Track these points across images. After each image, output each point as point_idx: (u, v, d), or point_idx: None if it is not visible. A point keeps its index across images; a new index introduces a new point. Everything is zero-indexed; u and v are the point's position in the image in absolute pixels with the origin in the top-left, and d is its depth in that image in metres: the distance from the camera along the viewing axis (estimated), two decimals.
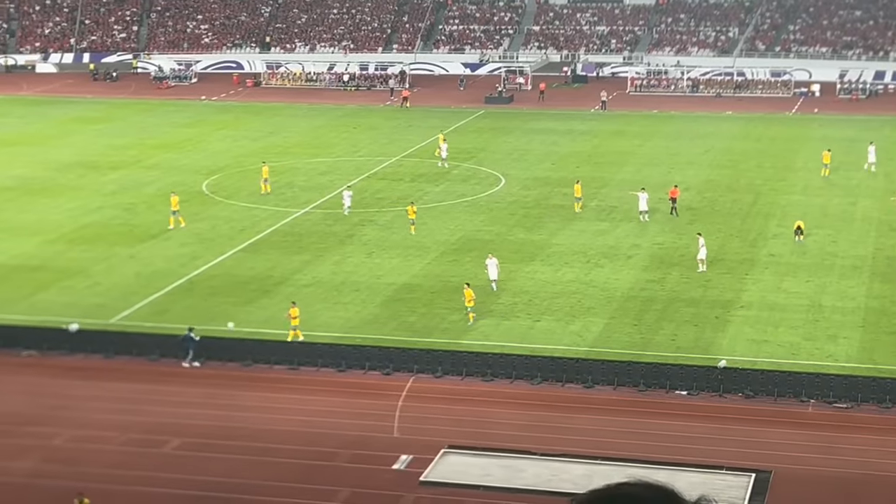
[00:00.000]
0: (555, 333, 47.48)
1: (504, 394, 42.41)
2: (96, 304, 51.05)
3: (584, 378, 43.15)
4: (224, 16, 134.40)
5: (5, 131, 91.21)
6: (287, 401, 41.82)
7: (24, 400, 42.10)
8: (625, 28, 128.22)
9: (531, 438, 38.36)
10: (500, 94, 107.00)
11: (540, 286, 53.10)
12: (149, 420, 40.18)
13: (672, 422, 40.08)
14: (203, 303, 51.29)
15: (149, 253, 58.48)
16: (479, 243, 59.70)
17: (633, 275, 54.70)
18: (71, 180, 74.12)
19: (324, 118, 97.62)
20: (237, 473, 36.13)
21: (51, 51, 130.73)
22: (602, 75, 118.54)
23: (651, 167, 76.44)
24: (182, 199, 68.57)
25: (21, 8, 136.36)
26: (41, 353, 46.39)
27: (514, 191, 70.78)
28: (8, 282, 54.15)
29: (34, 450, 38.07)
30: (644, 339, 46.94)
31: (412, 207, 61.56)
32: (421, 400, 41.73)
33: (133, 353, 46.03)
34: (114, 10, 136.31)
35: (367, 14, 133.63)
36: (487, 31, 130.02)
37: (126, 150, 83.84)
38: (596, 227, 62.56)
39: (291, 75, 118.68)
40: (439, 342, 46.18)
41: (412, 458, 37.27)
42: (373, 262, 56.61)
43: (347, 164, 78.50)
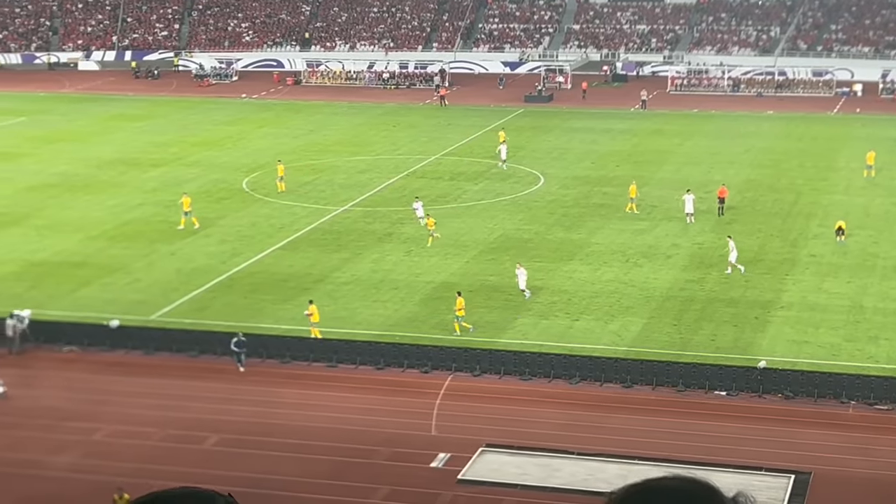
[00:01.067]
0: (593, 333, 47.37)
1: (542, 393, 42.35)
2: (137, 300, 51.37)
3: (623, 378, 43.02)
4: (265, 14, 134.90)
5: (48, 128, 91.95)
6: (325, 398, 41.93)
7: (65, 395, 42.42)
8: (665, 27, 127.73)
9: (568, 438, 38.29)
10: (540, 93, 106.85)
11: (579, 285, 52.99)
12: (188, 416, 40.39)
13: (711, 422, 39.90)
14: (242, 300, 51.51)
15: (189, 250, 58.79)
16: (517, 242, 59.66)
17: (673, 274, 54.49)
18: (112, 177, 74.63)
19: (363, 116, 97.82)
20: (275, 470, 36.27)
21: (93, 48, 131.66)
22: (642, 74, 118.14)
23: (691, 166, 76.13)
24: (222, 196, 69.07)
25: (64, 6, 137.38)
26: (82, 348, 46.73)
27: (554, 190, 70.67)
28: (50, 278, 54.58)
29: (75, 444, 38.36)
30: (683, 339, 46.76)
31: (430, 220, 60.00)
32: (459, 398, 41.74)
33: (173, 349, 46.28)
34: (156, 8, 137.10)
35: (408, 13, 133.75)
36: (527, 30, 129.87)
37: (167, 147, 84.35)
38: (635, 226, 62.35)
39: (331, 73, 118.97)
40: (477, 340, 46.17)
41: (450, 456, 37.28)
42: (411, 260, 56.66)
43: (387, 162, 78.62)
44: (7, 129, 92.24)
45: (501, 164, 75.92)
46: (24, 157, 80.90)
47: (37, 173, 75.87)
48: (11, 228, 62.75)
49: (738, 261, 54.50)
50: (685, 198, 63.23)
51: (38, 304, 49.89)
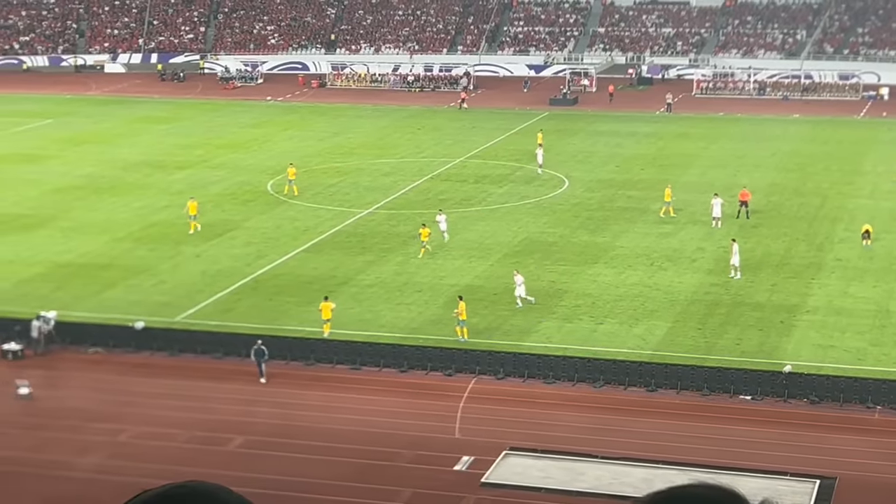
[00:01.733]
0: (618, 336, 47.28)
1: (566, 396, 42.28)
2: (162, 302, 51.53)
3: (647, 382, 42.92)
4: (290, 17, 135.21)
5: (74, 130, 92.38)
6: (349, 400, 41.96)
7: (91, 396, 42.59)
8: (691, 30, 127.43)
9: (592, 441, 38.22)
10: (565, 96, 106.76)
11: (603, 289, 52.90)
12: (212, 418, 40.49)
13: (736, 427, 39.76)
14: (267, 302, 51.61)
15: (214, 252, 58.95)
16: (542, 245, 59.61)
17: (698, 278, 54.33)
18: (138, 179, 74.91)
19: (388, 119, 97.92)
20: (299, 472, 36.31)
21: (119, 51, 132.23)
22: (667, 77, 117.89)
23: (717, 170, 75.92)
24: (247, 198, 69.28)
25: (90, 8, 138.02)
26: (107, 350, 46.90)
27: (578, 193, 70.58)
28: (76, 279, 54.82)
29: (100, 445, 38.50)
30: (708, 343, 46.61)
31: (425, 230, 57.79)
32: (482, 401, 41.71)
33: (197, 351, 46.40)
34: (181, 10, 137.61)
35: (432, 15, 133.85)
36: (552, 33, 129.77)
37: (192, 149, 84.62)
38: (660, 229, 62.20)
39: (356, 76, 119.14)
40: (501, 343, 46.14)
41: (473, 459, 37.27)
42: (436, 262, 56.66)
43: (411, 165, 78.68)
44: (34, 131, 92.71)
45: (539, 170, 75.32)
46: (51, 159, 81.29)
47: (63, 175, 76.23)
48: (38, 230, 63.05)
49: (740, 265, 54.21)
50: (713, 202, 62.99)
51: (63, 306, 50.12)
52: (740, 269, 54.28)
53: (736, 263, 54.30)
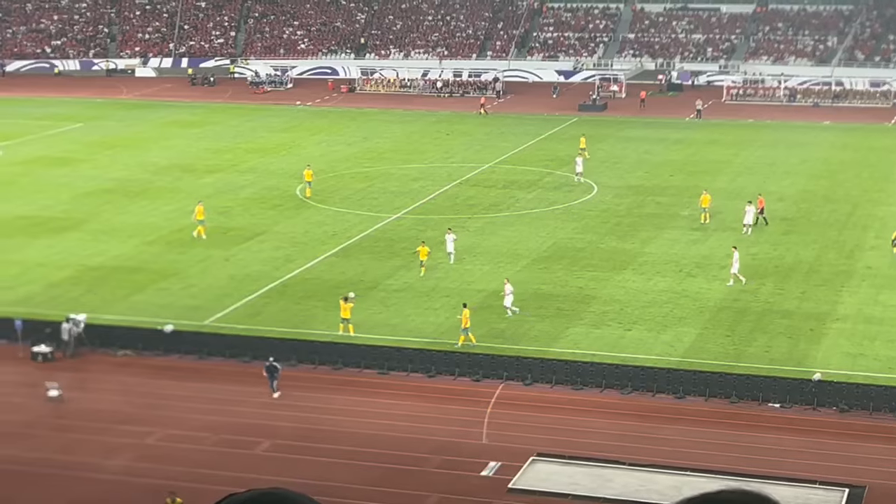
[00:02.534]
0: (646, 343, 47.16)
1: (594, 403, 42.21)
2: (191, 305, 51.71)
3: (676, 388, 42.78)
4: (320, 22, 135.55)
5: (105, 134, 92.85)
6: (376, 405, 41.99)
7: (119, 398, 42.77)
8: (721, 36, 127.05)
9: (620, 448, 38.13)
10: (594, 102, 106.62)
11: (632, 295, 52.78)
12: (240, 421, 40.60)
13: (764, 434, 39.59)
14: (295, 306, 51.72)
15: (243, 256, 59.12)
16: (570, 251, 59.53)
17: (727, 285, 54.09)
18: (168, 183, 75.21)
19: (417, 124, 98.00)
20: (326, 476, 36.37)
21: (150, 55, 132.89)
22: (697, 84, 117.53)
23: (746, 176, 75.65)
24: (276, 203, 69.46)
25: (122, 13, 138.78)
26: (136, 352, 47.09)
27: (607, 199, 70.45)
28: (107, 282, 55.07)
29: (128, 448, 38.66)
30: (737, 350, 46.43)
31: (424, 248, 55.96)
32: (510, 407, 41.67)
33: (226, 354, 46.53)
34: (212, 15, 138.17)
35: (462, 21, 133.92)
36: (582, 39, 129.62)
37: (222, 153, 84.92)
38: (689, 236, 62.02)
39: (385, 81, 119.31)
40: (529, 349, 46.10)
41: (500, 464, 37.24)
42: (464, 268, 56.64)
43: (440, 171, 78.71)
44: (65, 134, 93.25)
45: (577, 178, 74.76)
46: (82, 163, 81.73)
47: (94, 178, 76.63)
48: (69, 233, 63.40)
49: (740, 272, 53.98)
50: (747, 209, 62.74)
51: (93, 309, 50.36)
52: (742, 277, 53.97)
53: (735, 272, 54.03)
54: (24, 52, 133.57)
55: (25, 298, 52.70)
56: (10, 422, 40.78)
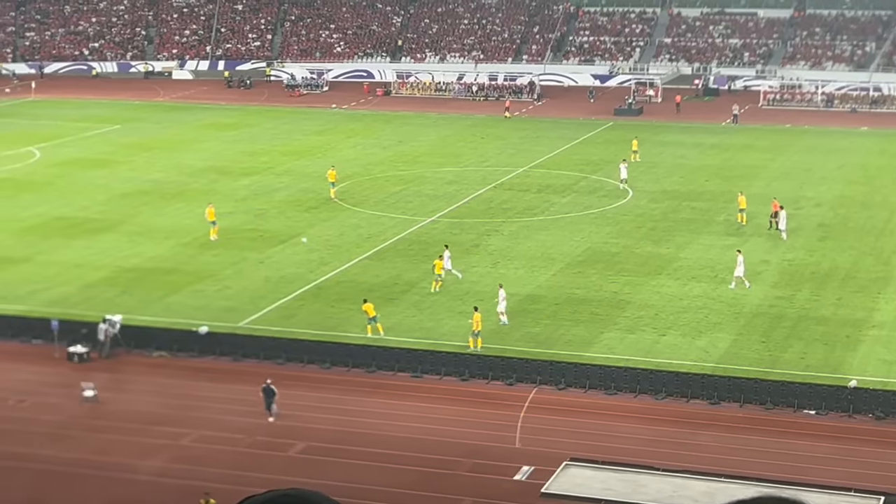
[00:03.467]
0: (680, 348, 46.99)
1: (627, 408, 42.08)
2: (226, 307, 51.91)
3: (710, 394, 42.60)
4: (356, 25, 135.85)
5: (142, 136, 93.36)
6: (410, 408, 42.03)
7: (154, 400, 42.97)
8: (758, 41, 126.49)
9: (654, 453, 38.00)
10: (630, 106, 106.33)
11: (666, 300, 52.60)
12: (274, 423, 40.71)
13: (799, 441, 39.37)
14: (329, 308, 51.83)
15: (278, 258, 59.30)
16: (605, 256, 59.41)
17: (762, 291, 53.87)
18: (204, 185, 75.54)
19: (452, 128, 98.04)
20: (360, 479, 36.41)
21: (187, 58, 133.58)
22: (734, 88, 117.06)
23: (782, 181, 75.27)
24: (311, 205, 69.65)
25: (159, 16, 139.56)
26: (171, 354, 47.31)
27: (642, 203, 70.24)
28: (142, 284, 55.35)
29: (163, 449, 38.84)
30: (772, 356, 46.20)
31: (439, 262, 54.63)
32: (543, 411, 41.61)
33: (260, 356, 46.67)
34: (249, 18, 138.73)
35: (498, 24, 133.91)
36: (618, 43, 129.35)
37: (258, 156, 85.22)
38: (724, 241, 61.74)
39: (421, 85, 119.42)
40: (562, 354, 46.01)
41: (533, 469, 37.19)
42: (498, 272, 56.59)
43: (475, 174, 78.70)
44: (102, 136, 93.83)
45: (622, 184, 74.25)
46: (119, 165, 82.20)
47: (130, 180, 77.05)
48: (105, 234, 63.77)
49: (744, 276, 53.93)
50: (780, 212, 62.58)
51: (129, 310, 50.63)
52: (747, 281, 53.91)
53: (740, 275, 53.98)
54: (63, 54, 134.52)
55: (62, 299, 53.05)
56: (46, 422, 41.05)
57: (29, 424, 40.82)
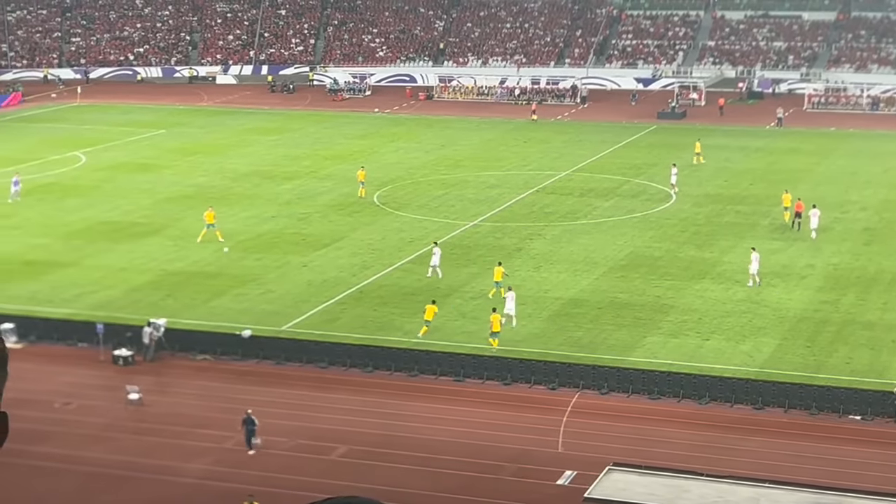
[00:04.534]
0: (724, 353, 46.73)
1: (671, 413, 41.90)
2: (269, 311, 52.10)
3: (754, 399, 42.35)
4: (398, 30, 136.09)
5: (186, 140, 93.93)
6: (452, 412, 42.02)
7: (198, 403, 43.19)
8: (803, 44, 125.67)
9: (698, 459, 37.79)
10: (673, 110, 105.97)
11: (710, 305, 52.34)
12: (316, 426, 40.82)
13: (844, 447, 39.06)
14: (372, 312, 51.91)
15: (321, 262, 59.46)
16: (648, 260, 59.19)
17: (807, 295, 53.51)
18: (247, 189, 75.88)
19: (494, 131, 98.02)
20: (402, 483, 36.44)
21: (231, 63, 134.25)
22: (778, 92, 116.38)
23: (827, 185, 74.72)
24: (354, 209, 69.80)
25: (203, 21, 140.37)
26: (215, 357, 47.53)
27: (685, 207, 69.95)
28: (186, 287, 55.66)
29: (207, 451, 39.02)
30: (817, 361, 45.86)
31: (499, 269, 53.79)
32: (586, 416, 41.50)
33: (303, 360, 46.81)
34: (292, 23, 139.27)
35: (540, 28, 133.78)
36: (661, 46, 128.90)
37: (300, 160, 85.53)
38: (769, 245, 61.36)
39: (463, 89, 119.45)
40: (605, 358, 45.87)
41: (576, 473, 37.09)
42: (540, 275, 56.51)
43: (517, 178, 78.65)
44: (147, 140, 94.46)
45: (673, 190, 73.43)
46: (163, 169, 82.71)
47: (174, 184, 77.52)
48: (149, 238, 64.17)
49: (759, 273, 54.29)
50: (811, 213, 62.43)
51: (173, 313, 50.91)
52: (758, 277, 54.28)
53: (753, 272, 54.21)
54: (108, 59, 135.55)
55: (107, 302, 53.42)
56: (91, 424, 41.35)
57: (74, 427, 41.13)
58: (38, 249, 62.19)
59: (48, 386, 44.73)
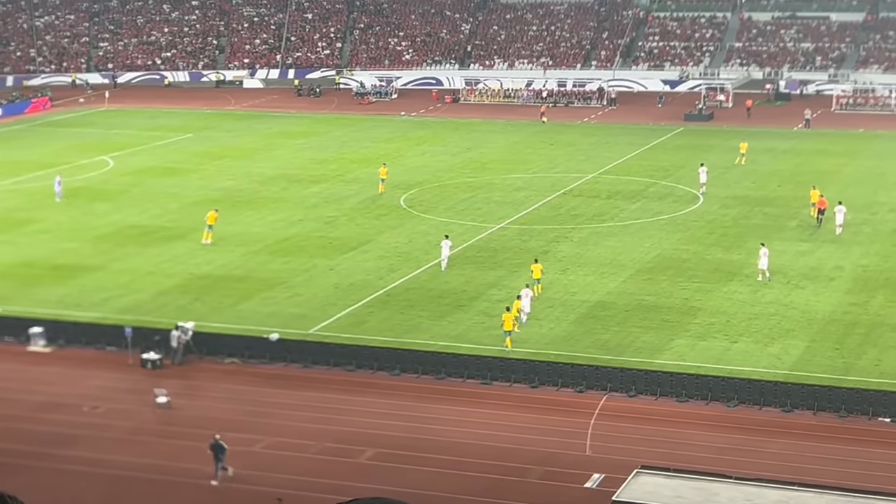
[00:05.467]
0: (752, 355, 46.54)
1: (699, 415, 41.75)
2: (296, 314, 52.17)
3: (783, 402, 42.15)
4: (425, 33, 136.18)
5: (214, 144, 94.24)
6: (479, 415, 41.98)
7: (226, 406, 43.28)
8: (831, 45, 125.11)
9: (726, 461, 37.62)
10: (700, 112, 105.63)
11: (738, 307, 52.13)
12: (344, 430, 40.85)
13: (874, 449, 38.83)
14: (399, 315, 51.92)
15: (348, 265, 59.53)
16: (675, 262, 59.00)
17: (836, 297, 53.24)
18: (274, 193, 76.05)
19: (521, 134, 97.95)
20: (429, 485, 36.43)
21: (257, 67, 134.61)
22: (806, 93, 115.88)
23: (855, 187, 74.33)
24: (380, 212, 69.87)
25: (230, 25, 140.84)
26: (243, 360, 47.63)
27: (713, 209, 69.71)
28: (214, 291, 55.81)
29: (235, 455, 39.07)
30: (846, 363, 45.61)
31: (537, 266, 54.69)
32: (614, 419, 41.39)
33: (330, 363, 46.86)
34: (319, 27, 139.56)
35: (567, 31, 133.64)
36: (688, 48, 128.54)
37: (327, 164, 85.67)
38: (797, 247, 61.12)
39: (489, 91, 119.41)
40: (633, 361, 45.75)
41: (604, 476, 36.99)
42: (567, 278, 56.41)
43: (543, 181, 78.56)
44: (174, 144, 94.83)
45: (701, 191, 73.69)
46: (191, 173, 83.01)
47: (202, 188, 77.78)
48: (177, 242, 64.39)
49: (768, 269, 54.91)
50: (836, 209, 62.46)
51: (201, 317, 51.07)
52: (768, 273, 55.02)
53: (763, 267, 54.87)
54: (135, 64, 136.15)
55: (135, 306, 53.63)
56: (119, 428, 41.50)
57: (103, 430, 41.29)
58: (66, 253, 62.51)
59: (77, 389, 44.94)
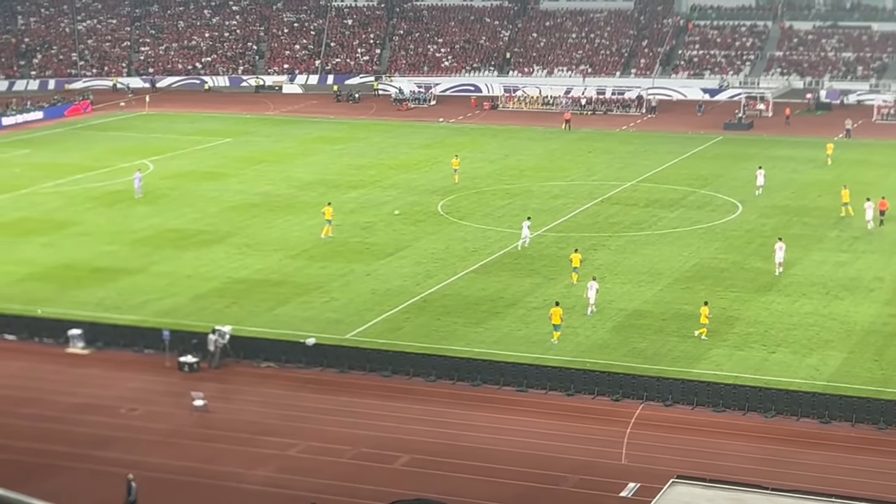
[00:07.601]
0: (790, 366, 46.25)
1: (736, 425, 41.52)
2: (333, 319, 52.29)
3: (821, 413, 41.85)
4: (464, 39, 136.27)
5: (253, 149, 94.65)
6: (515, 422, 41.91)
7: (262, 410, 43.40)
8: (872, 55, 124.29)
9: (763, 473, 37.40)
10: (740, 121, 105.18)
11: (776, 317, 51.84)
12: (379, 435, 40.87)
13: None
14: (435, 321, 51.94)
15: (385, 271, 59.60)
16: (713, 271, 58.74)
17: (875, 308, 52.84)
18: (312, 198, 76.27)
19: (559, 142, 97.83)
20: (464, 492, 36.38)
21: (297, 72, 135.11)
22: (847, 103, 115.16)
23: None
24: (418, 219, 69.91)
25: (270, 31, 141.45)
26: (279, 365, 47.76)
27: (752, 219, 69.38)
28: (251, 295, 56.01)
29: (271, 458, 39.20)
30: (885, 375, 45.25)
31: (576, 255, 57.26)
32: (650, 428, 41.23)
33: (366, 368, 46.91)
34: (358, 33, 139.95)
35: (606, 38, 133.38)
36: (728, 57, 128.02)
37: (365, 169, 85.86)
38: (836, 258, 60.73)
39: (528, 98, 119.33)
40: (670, 370, 45.56)
41: (639, 486, 36.85)
42: (604, 286, 56.23)
43: (581, 188, 78.42)
44: (214, 149, 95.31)
45: (758, 191, 75.02)
46: (230, 178, 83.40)
47: (240, 193, 78.13)
48: (215, 246, 64.69)
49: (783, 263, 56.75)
50: (865, 206, 62.87)
51: (238, 321, 51.26)
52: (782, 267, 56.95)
53: (779, 260, 56.77)
54: (176, 68, 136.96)
55: (173, 309, 53.90)
56: (156, 430, 41.70)
57: (140, 432, 41.50)
58: (106, 256, 62.93)
59: (114, 391, 45.20)
